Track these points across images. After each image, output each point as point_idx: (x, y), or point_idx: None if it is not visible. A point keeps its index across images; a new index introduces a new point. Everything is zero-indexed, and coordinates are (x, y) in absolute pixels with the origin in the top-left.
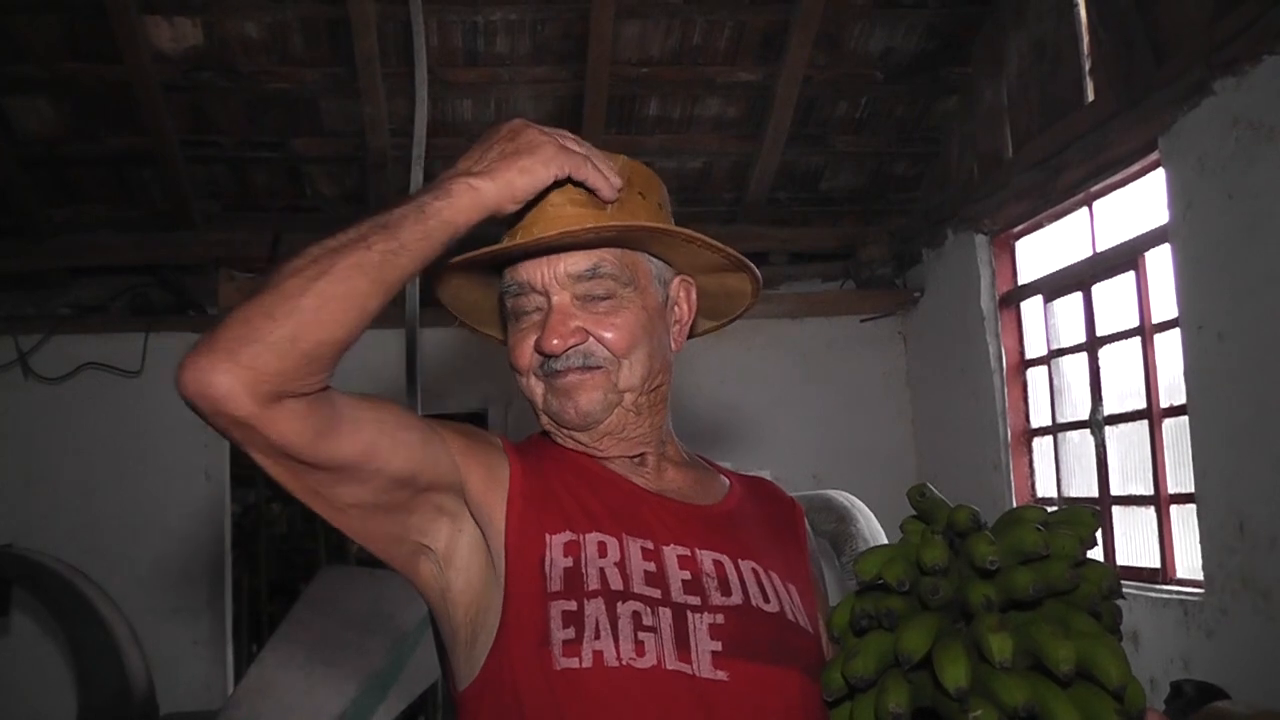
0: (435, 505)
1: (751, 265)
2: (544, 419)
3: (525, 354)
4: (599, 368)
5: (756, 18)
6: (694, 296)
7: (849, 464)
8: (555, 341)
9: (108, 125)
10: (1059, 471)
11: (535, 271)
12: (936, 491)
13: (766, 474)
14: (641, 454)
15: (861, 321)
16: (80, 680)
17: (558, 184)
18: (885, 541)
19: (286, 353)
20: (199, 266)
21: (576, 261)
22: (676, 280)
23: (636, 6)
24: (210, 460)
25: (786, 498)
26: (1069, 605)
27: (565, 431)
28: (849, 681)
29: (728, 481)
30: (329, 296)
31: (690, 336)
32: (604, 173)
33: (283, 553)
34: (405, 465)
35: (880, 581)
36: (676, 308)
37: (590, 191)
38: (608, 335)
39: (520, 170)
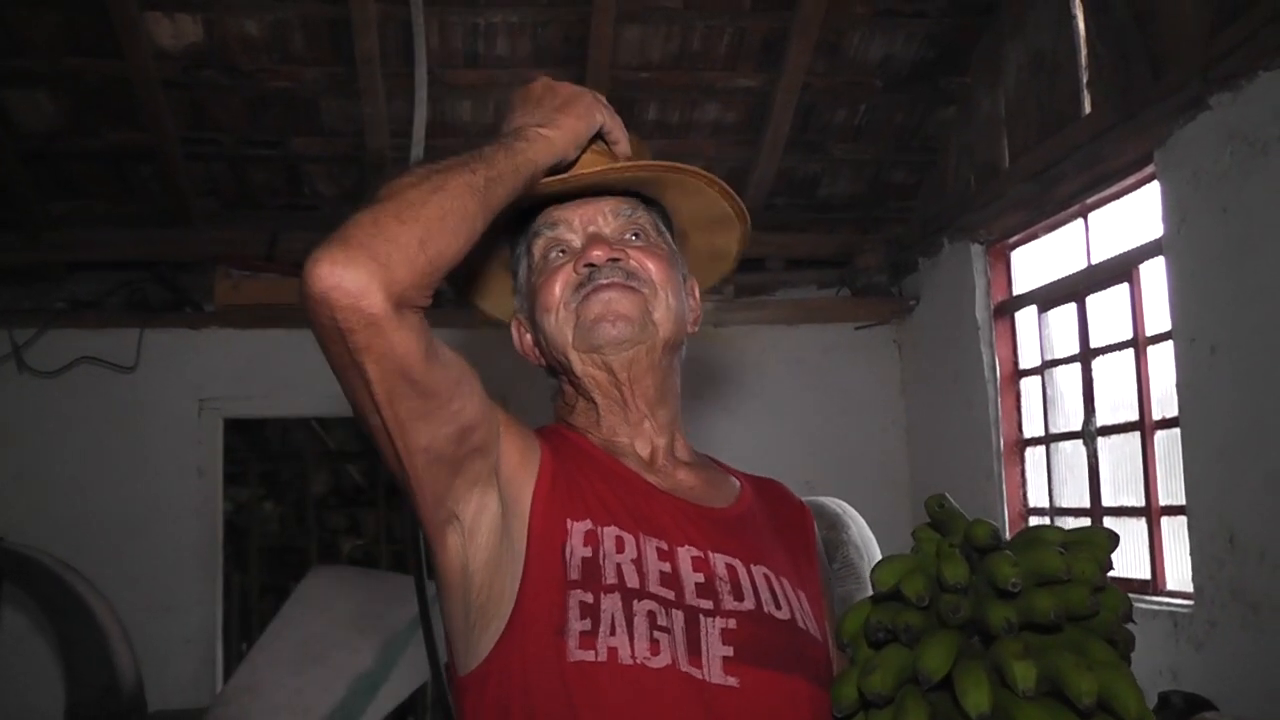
0: (474, 471)
1: (746, 215)
2: (575, 359)
3: (557, 284)
4: (635, 289)
5: (756, 24)
6: (698, 295)
7: (842, 471)
8: (598, 252)
9: (107, 121)
10: (1051, 481)
11: (575, 211)
12: (954, 503)
13: None
14: (651, 448)
15: (856, 329)
16: (69, 676)
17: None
18: (876, 548)
19: (416, 255)
20: (196, 263)
21: (616, 202)
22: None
23: (637, 11)
24: (204, 457)
25: (796, 501)
26: (1087, 631)
27: (599, 358)
28: (865, 697)
29: (738, 483)
30: (447, 210)
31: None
32: (623, 130)
33: (274, 551)
34: (475, 414)
35: (898, 593)
36: (691, 298)
37: (608, 146)
38: (647, 261)
39: (577, 117)
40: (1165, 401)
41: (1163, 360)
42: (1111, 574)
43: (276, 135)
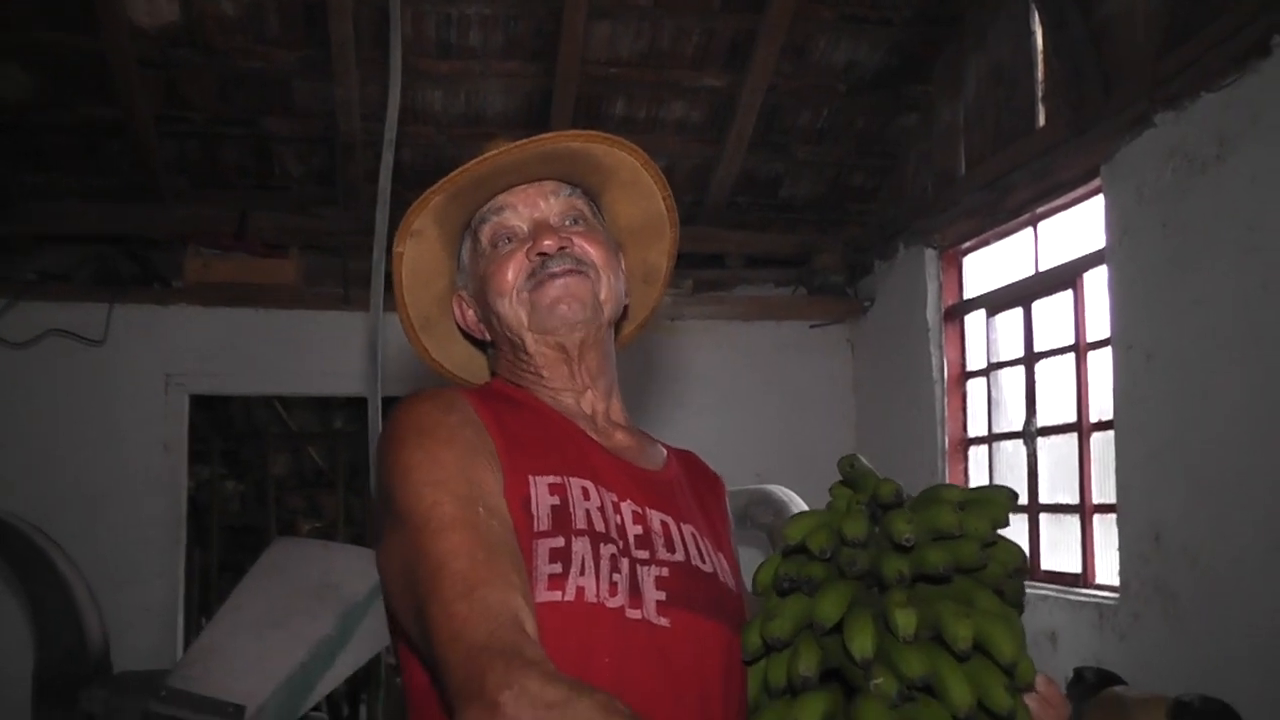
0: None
1: (674, 209)
2: (530, 339)
3: (509, 271)
4: (585, 273)
5: (725, 25)
6: (625, 268)
7: (791, 464)
8: (549, 242)
9: (81, 95)
10: (992, 479)
11: (518, 196)
12: (866, 462)
13: None
14: (592, 409)
15: (811, 327)
16: (38, 636)
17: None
18: None
19: None
20: (165, 240)
21: (555, 184)
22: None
23: (608, 7)
24: (169, 432)
25: (712, 472)
26: (976, 582)
27: (552, 339)
28: (766, 641)
29: (665, 451)
30: None
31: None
32: None
33: (233, 530)
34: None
35: (804, 547)
36: (623, 270)
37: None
38: (589, 247)
39: None
40: (1102, 405)
41: (1102, 365)
42: (1046, 568)
43: (248, 115)
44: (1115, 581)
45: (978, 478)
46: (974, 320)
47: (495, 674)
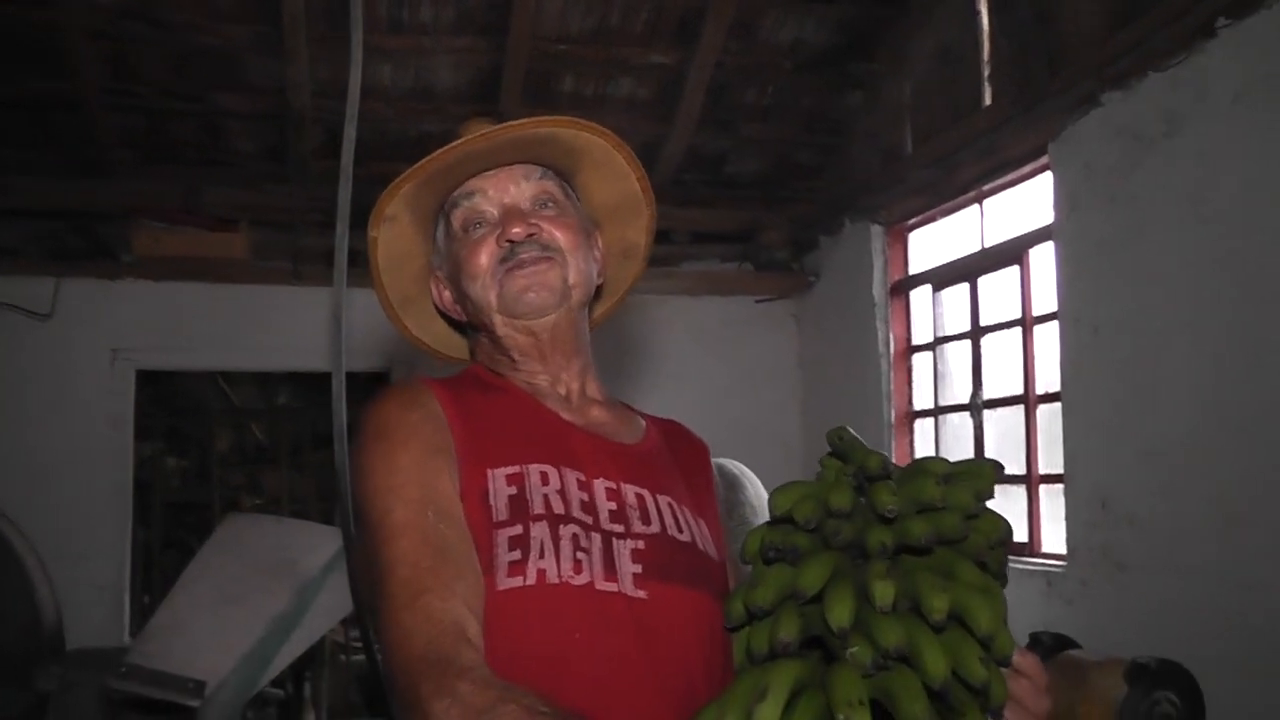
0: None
1: (649, 189)
2: (499, 321)
3: (483, 255)
4: (553, 259)
5: (674, 1)
6: (601, 245)
7: (738, 438)
8: (517, 229)
9: (29, 68)
10: (938, 451)
11: (490, 180)
12: (855, 434)
13: None
14: (567, 390)
15: (757, 302)
16: None
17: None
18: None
19: None
20: (113, 214)
21: (527, 167)
22: (595, 233)
23: None
24: (115, 407)
25: (697, 440)
26: (958, 554)
27: (521, 324)
28: (749, 609)
29: (644, 423)
30: None
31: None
32: None
33: (176, 507)
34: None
35: (790, 517)
36: (596, 250)
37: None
38: (557, 232)
39: None
40: (1049, 378)
41: (1048, 339)
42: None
43: (199, 90)
44: (1062, 550)
45: (924, 450)
46: (920, 296)
47: (430, 684)
